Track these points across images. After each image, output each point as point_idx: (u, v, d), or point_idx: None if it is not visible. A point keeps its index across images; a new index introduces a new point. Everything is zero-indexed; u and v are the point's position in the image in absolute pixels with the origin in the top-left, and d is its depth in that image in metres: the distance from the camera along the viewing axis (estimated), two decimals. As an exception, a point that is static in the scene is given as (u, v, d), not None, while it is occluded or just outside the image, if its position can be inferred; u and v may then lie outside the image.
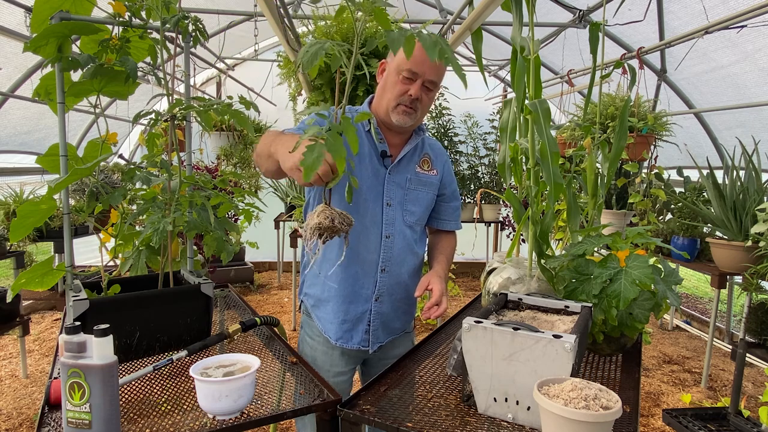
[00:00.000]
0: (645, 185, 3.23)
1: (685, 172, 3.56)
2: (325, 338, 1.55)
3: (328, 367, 1.56)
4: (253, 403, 1.07)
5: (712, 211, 3.05)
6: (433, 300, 1.42)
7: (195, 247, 1.60)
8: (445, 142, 4.75)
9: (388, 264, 1.51)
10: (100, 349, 0.90)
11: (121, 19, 1.31)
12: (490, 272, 1.50)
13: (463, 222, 1.85)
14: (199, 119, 1.37)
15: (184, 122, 1.51)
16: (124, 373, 1.23)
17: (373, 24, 2.85)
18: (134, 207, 1.72)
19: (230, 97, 1.45)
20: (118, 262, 1.49)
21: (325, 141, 1.01)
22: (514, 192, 1.52)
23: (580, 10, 3.56)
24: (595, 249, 1.36)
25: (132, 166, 1.33)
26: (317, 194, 1.53)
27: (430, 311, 1.41)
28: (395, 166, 1.51)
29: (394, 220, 1.50)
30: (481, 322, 1.01)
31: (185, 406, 1.07)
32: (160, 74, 1.36)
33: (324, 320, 1.55)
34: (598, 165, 1.61)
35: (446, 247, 1.67)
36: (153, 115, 1.34)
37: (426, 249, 1.68)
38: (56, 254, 4.01)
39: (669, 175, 3.45)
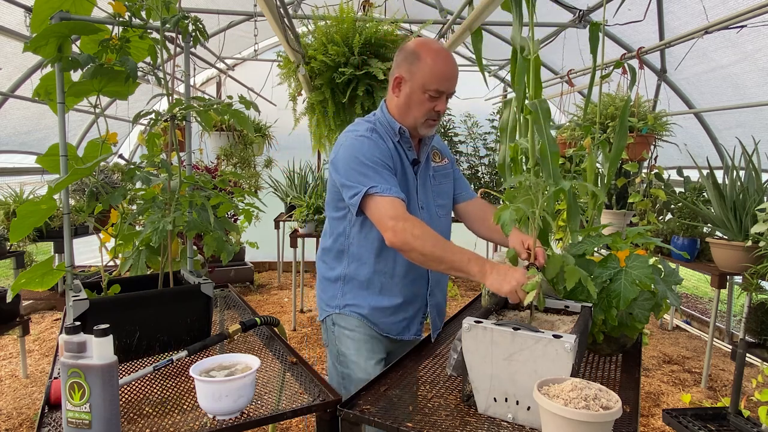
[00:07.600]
0: (645, 185, 3.22)
1: (685, 172, 3.56)
2: (367, 327, 1.55)
3: (372, 354, 1.55)
4: (253, 403, 1.07)
5: (712, 211, 3.05)
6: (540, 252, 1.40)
7: (195, 247, 1.60)
8: (445, 142, 4.75)
9: None
10: (100, 349, 0.90)
11: (121, 19, 1.31)
12: (490, 272, 1.49)
13: (463, 222, 1.85)
14: (199, 119, 1.37)
15: (184, 122, 1.51)
16: (124, 373, 1.23)
17: (373, 24, 2.85)
18: (134, 207, 1.72)
19: (230, 97, 1.45)
20: (118, 262, 1.49)
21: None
22: (514, 192, 1.52)
23: (580, 10, 3.55)
24: (595, 249, 1.36)
25: (132, 166, 1.33)
26: (357, 223, 1.51)
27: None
28: (420, 168, 1.57)
29: (430, 220, 1.56)
30: (481, 322, 1.01)
31: (185, 406, 1.07)
32: (160, 74, 1.36)
33: (384, 323, 1.57)
34: (598, 165, 1.61)
35: (486, 208, 1.70)
36: (153, 115, 1.34)
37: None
38: (56, 254, 4.01)
39: (669, 175, 3.44)
